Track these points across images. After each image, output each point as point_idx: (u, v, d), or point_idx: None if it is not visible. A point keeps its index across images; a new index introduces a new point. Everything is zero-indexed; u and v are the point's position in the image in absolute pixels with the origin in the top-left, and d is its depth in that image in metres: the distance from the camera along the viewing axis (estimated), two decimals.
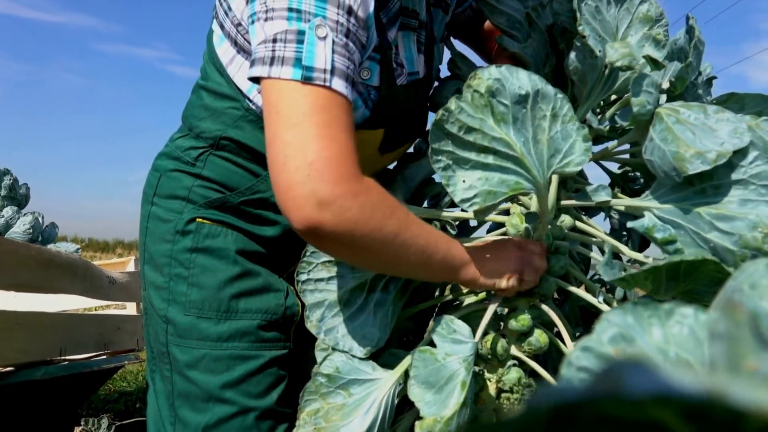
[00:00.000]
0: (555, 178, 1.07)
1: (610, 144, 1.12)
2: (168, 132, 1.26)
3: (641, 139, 1.00)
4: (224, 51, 1.10)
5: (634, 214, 1.00)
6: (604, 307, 1.00)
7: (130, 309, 2.85)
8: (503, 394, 1.01)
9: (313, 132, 0.83)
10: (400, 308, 1.04)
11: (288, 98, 0.85)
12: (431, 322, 0.95)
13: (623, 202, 1.02)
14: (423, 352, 0.88)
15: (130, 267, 2.81)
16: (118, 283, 2.44)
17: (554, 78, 1.18)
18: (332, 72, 0.86)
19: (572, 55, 0.99)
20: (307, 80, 0.85)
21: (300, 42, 0.86)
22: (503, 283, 0.97)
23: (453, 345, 0.89)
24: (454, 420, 0.84)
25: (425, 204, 1.29)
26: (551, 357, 1.18)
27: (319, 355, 1.06)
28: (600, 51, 0.96)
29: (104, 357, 2.33)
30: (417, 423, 0.84)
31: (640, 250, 1.24)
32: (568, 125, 0.87)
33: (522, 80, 0.84)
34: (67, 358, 2.06)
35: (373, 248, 0.88)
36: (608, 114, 1.15)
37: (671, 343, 0.38)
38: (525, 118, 0.85)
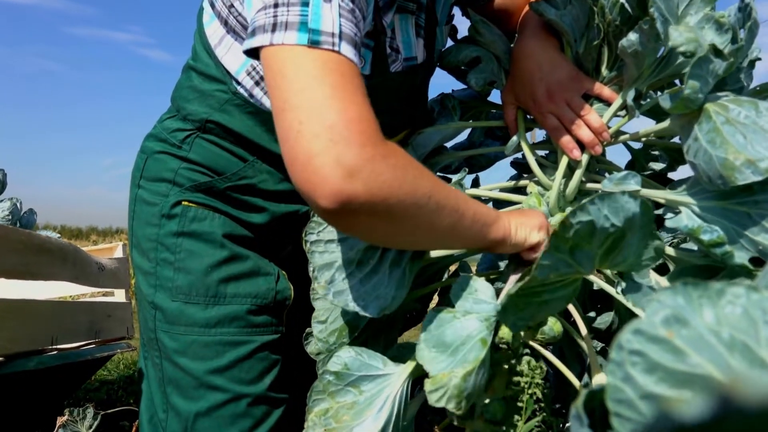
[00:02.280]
0: (585, 158, 1.04)
1: (642, 129, 1.05)
2: (144, 117, 1.23)
3: (680, 131, 0.94)
4: (213, 31, 1.06)
5: (667, 205, 0.95)
6: (621, 297, 0.98)
7: (119, 296, 2.81)
8: (514, 378, 1.00)
9: (328, 93, 0.73)
10: (417, 269, 0.96)
11: (294, 63, 0.76)
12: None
13: (657, 194, 0.96)
14: (438, 311, 0.80)
15: (118, 253, 2.76)
16: (107, 270, 2.39)
17: (599, 53, 1.10)
18: (340, 36, 0.78)
19: (633, 36, 0.92)
20: (314, 44, 0.76)
21: (305, 5, 0.78)
22: (535, 235, 0.88)
23: (474, 304, 0.82)
24: (472, 376, 0.76)
25: (435, 173, 1.25)
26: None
27: (315, 327, 1.03)
28: (663, 34, 0.90)
29: (94, 345, 2.30)
30: (426, 380, 0.76)
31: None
32: None
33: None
34: (58, 347, 2.03)
35: (408, 214, 0.77)
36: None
37: (724, 324, 0.36)
38: None
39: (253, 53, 0.82)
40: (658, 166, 1.28)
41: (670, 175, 1.28)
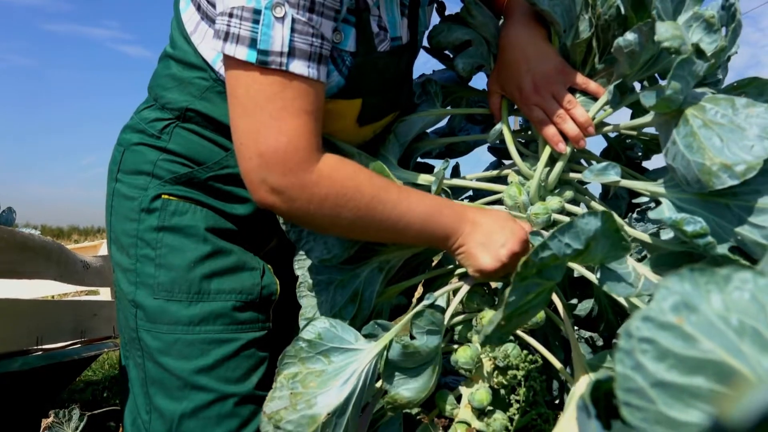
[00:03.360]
0: (568, 150, 1.04)
1: (623, 123, 1.05)
2: (123, 115, 1.20)
3: (659, 129, 0.94)
4: (189, 17, 1.03)
5: (647, 197, 0.95)
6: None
7: (104, 294, 2.78)
8: (509, 372, 1.00)
9: (263, 122, 0.85)
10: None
11: (244, 84, 0.86)
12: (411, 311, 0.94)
13: (638, 185, 0.97)
14: (402, 343, 0.88)
15: (103, 250, 2.73)
16: (92, 268, 2.36)
17: (588, 46, 1.10)
18: (290, 54, 0.84)
19: (631, 36, 0.92)
20: (262, 64, 0.84)
21: (256, 22, 0.82)
22: (471, 271, 0.96)
23: (429, 335, 0.90)
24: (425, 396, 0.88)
25: (416, 159, 1.24)
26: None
27: (302, 324, 1.02)
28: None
29: (80, 345, 2.27)
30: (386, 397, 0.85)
31: (626, 214, 1.21)
32: None
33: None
34: (44, 347, 2.00)
35: (330, 230, 0.95)
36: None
37: (732, 309, 0.36)
38: None
39: None
40: (633, 154, 1.28)
41: (645, 163, 1.29)
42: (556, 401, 1.26)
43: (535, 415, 0.94)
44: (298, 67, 0.85)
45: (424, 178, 1.09)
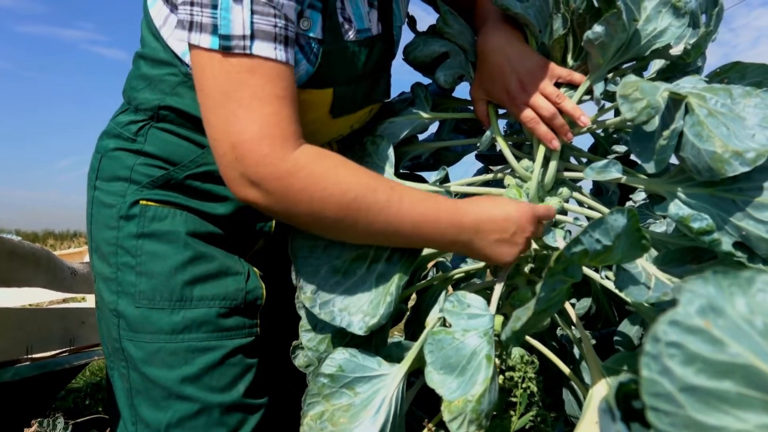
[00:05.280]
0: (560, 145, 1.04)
1: (610, 120, 1.06)
2: (102, 117, 1.18)
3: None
4: (157, 11, 1.01)
5: (652, 193, 0.95)
6: (606, 283, 0.99)
7: (91, 301, 2.75)
8: (506, 373, 1.00)
9: (232, 112, 0.83)
10: (406, 281, 0.96)
11: (210, 75, 0.84)
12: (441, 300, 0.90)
13: (642, 182, 0.97)
14: (436, 334, 0.81)
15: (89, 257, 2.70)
16: (80, 275, 2.33)
17: (564, 41, 1.10)
18: (252, 36, 0.82)
19: (599, 28, 0.94)
20: (225, 50, 0.82)
21: (214, 7, 0.81)
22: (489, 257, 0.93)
23: (469, 320, 0.83)
24: (485, 396, 0.78)
25: (404, 164, 1.23)
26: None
27: (303, 336, 1.00)
28: (628, 23, 0.91)
29: (68, 354, 2.24)
30: (444, 406, 0.77)
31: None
32: None
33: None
34: (34, 356, 1.97)
35: (315, 229, 0.90)
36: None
37: (757, 312, 0.36)
38: None
39: None
40: (621, 148, 1.29)
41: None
42: (556, 402, 1.26)
43: (533, 417, 0.94)
44: (263, 49, 0.83)
45: (423, 188, 1.08)
